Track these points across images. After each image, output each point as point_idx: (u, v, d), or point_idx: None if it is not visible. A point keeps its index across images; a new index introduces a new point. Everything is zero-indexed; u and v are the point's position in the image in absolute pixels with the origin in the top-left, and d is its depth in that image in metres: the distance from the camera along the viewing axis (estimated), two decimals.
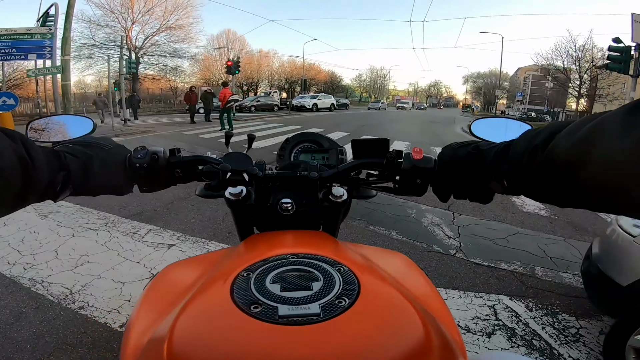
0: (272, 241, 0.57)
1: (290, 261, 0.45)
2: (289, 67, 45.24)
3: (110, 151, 0.57)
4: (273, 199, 0.63)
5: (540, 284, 2.45)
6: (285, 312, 0.35)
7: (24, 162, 0.39)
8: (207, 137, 9.70)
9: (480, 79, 62.32)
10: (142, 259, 2.54)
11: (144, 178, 0.60)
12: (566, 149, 0.35)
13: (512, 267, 2.67)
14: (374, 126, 15.21)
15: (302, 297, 0.38)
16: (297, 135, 0.85)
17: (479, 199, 0.54)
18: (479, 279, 2.48)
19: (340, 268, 0.43)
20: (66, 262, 2.45)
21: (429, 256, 2.82)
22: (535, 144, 0.39)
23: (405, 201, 4.08)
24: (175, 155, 0.64)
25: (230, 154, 0.66)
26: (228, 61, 16.64)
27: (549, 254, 2.92)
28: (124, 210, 3.51)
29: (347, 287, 0.40)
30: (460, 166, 0.52)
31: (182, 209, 3.60)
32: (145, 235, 2.94)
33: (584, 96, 27.30)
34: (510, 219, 3.78)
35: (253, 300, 0.37)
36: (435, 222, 3.54)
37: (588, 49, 26.27)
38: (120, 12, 27.55)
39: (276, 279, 0.41)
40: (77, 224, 3.12)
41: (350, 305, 0.37)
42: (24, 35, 9.34)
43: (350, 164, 0.65)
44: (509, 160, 0.45)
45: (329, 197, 0.63)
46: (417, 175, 0.58)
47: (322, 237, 0.60)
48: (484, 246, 3.05)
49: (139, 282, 2.25)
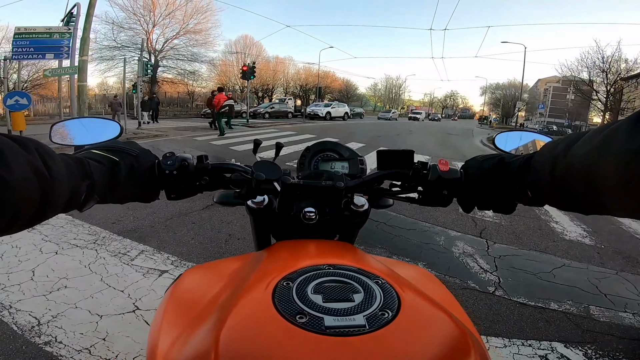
0: (302, 250, 0.56)
1: (328, 272, 0.44)
2: (304, 74, 45.30)
3: (138, 157, 0.55)
4: (296, 207, 0.62)
5: (598, 326, 2.13)
6: (332, 323, 0.35)
7: (40, 173, 0.36)
8: (218, 143, 9.46)
9: (499, 90, 61.18)
10: (128, 287, 2.21)
11: (172, 185, 0.60)
12: (584, 156, 0.36)
13: (564, 307, 2.31)
14: (391, 137, 14.82)
15: (346, 308, 0.37)
16: (318, 144, 0.85)
17: (503, 209, 0.55)
18: (525, 323, 2.11)
19: (378, 280, 0.43)
20: (41, 285, 2.16)
21: (464, 294, 2.39)
22: (556, 153, 0.41)
23: (431, 226, 3.62)
24: (202, 162, 0.63)
25: (260, 163, 0.65)
26: (243, 66, 16.57)
27: (602, 290, 2.56)
28: (118, 225, 3.19)
29: (388, 300, 0.39)
30: (486, 178, 0.54)
31: (182, 227, 3.26)
32: (136, 258, 2.59)
33: (609, 109, 26.28)
34: (552, 248, 3.31)
35: (298, 310, 0.36)
36: (468, 252, 3.09)
37: (616, 60, 25.29)
38: (142, 14, 28.12)
39: (317, 289, 0.40)
40: (64, 239, 2.82)
41: (394, 318, 0.36)
42: (43, 34, 9.31)
43: (377, 174, 0.65)
44: (532, 170, 0.47)
45: (350, 206, 0.64)
46: (444, 186, 0.59)
47: (348, 248, 0.60)
48: (527, 281, 2.63)
49: (119, 316, 1.92)
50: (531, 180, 0.47)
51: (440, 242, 3.30)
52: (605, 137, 0.34)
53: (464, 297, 2.35)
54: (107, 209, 3.53)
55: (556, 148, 0.42)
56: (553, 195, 0.44)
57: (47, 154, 0.38)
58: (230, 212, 3.59)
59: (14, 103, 7.79)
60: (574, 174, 0.38)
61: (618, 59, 25.48)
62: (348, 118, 28.17)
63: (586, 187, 0.37)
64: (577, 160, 0.37)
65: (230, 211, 3.59)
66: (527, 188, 0.48)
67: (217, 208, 3.74)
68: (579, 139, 0.38)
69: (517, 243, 3.36)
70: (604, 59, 25.80)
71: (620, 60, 25.50)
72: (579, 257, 3.15)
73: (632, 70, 25.34)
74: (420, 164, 0.62)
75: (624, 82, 25.90)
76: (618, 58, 25.45)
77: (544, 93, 58.82)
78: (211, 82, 35.13)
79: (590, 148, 0.35)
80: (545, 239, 3.52)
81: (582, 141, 0.38)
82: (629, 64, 25.32)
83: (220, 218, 3.50)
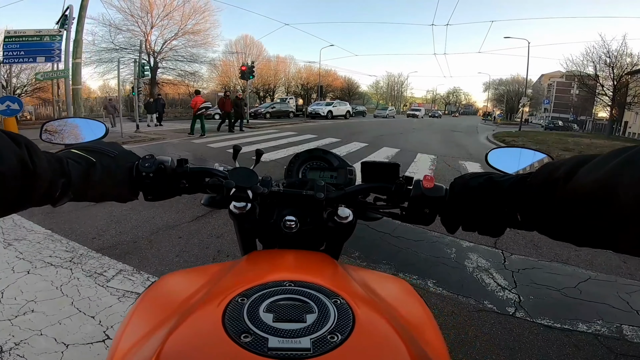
0: (271, 262, 0.56)
1: (287, 289, 0.43)
2: (305, 73, 45.08)
3: (117, 158, 0.56)
4: (277, 215, 0.63)
5: (633, 349, 1.90)
6: (276, 344, 0.34)
7: (26, 167, 0.39)
8: (214, 146, 9.21)
9: (502, 86, 60.61)
10: (99, 312, 1.97)
11: (149, 187, 0.60)
12: (592, 182, 0.33)
13: (593, 328, 2.05)
14: (394, 135, 14.53)
15: (295, 329, 0.36)
16: (306, 152, 0.82)
17: (489, 232, 0.51)
18: (551, 349, 1.86)
19: (337, 300, 0.41)
20: (8, 308, 1.98)
21: (480, 318, 2.10)
22: (557, 176, 0.38)
23: (441, 236, 3.34)
24: (182, 166, 0.64)
25: (236, 169, 0.61)
26: (242, 66, 16.34)
27: (634, 307, 2.28)
28: (99, 240, 2.93)
29: (342, 322, 0.38)
30: (472, 197, 0.50)
31: (166, 242, 2.98)
32: (113, 279, 2.33)
33: (616, 104, 25.89)
34: (575, 258, 3.01)
35: (244, 329, 0.36)
36: (483, 266, 2.79)
37: (621, 54, 24.91)
38: (140, 16, 28.01)
39: (270, 307, 0.39)
40: (39, 257, 2.59)
41: (342, 342, 0.35)
42: (34, 37, 9.09)
43: (358, 187, 0.65)
44: (526, 193, 0.43)
45: (334, 217, 0.62)
46: (426, 204, 0.57)
47: (323, 260, 0.58)
48: (551, 299, 2.35)
49: (87, 346, 1.71)
50: (523, 204, 0.44)
51: (451, 255, 3.00)
52: (622, 163, 0.31)
53: (480, 321, 2.07)
54: (89, 221, 3.30)
55: (558, 170, 0.38)
56: (547, 222, 0.41)
57: (33, 151, 0.40)
58: (221, 224, 3.34)
59: (5, 108, 7.64)
60: (577, 203, 0.35)
61: (623, 53, 25.16)
62: (350, 116, 27.93)
63: (590, 220, 0.34)
64: (583, 188, 0.34)
65: (221, 224, 3.34)
66: (517, 211, 0.46)
67: (207, 220, 3.50)
68: (586, 162, 0.35)
69: (536, 254, 3.06)
70: (610, 53, 25.44)
71: (626, 55, 25.20)
72: (604, 268, 2.86)
73: (637, 65, 25.00)
74: (405, 178, 0.61)
75: (630, 76, 25.57)
76: (623, 52, 25.12)
77: (548, 88, 58.35)
78: (212, 83, 35.05)
79: (601, 175, 0.32)
80: (566, 248, 3.20)
81: (591, 165, 0.34)
82: (634, 58, 25.02)
83: (210, 231, 3.23)
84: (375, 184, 0.63)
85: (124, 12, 27.38)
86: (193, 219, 3.49)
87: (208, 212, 3.60)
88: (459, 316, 2.11)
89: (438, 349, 0.46)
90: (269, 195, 0.62)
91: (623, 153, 0.31)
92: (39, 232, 3.00)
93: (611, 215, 0.31)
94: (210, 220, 3.45)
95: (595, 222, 0.33)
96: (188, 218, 3.52)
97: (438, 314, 2.12)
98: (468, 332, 1.97)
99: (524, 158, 0.73)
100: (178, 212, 3.66)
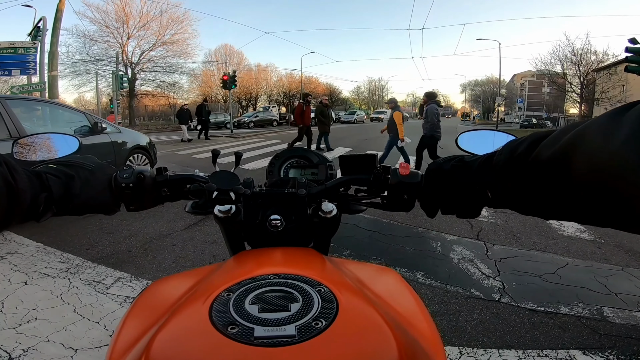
0: (257, 260, 0.57)
1: (272, 282, 0.44)
2: (287, 80, 45.19)
3: (93, 171, 0.56)
4: (262, 215, 0.62)
5: (615, 329, 2.01)
6: (261, 333, 0.35)
7: (9, 185, 0.38)
8: (200, 157, 9.16)
9: (478, 87, 62.38)
10: (103, 317, 2.01)
11: (130, 198, 0.60)
12: (550, 155, 0.34)
13: (575, 310, 2.19)
14: (378, 139, 14.74)
15: (280, 318, 0.37)
16: (286, 151, 0.83)
17: (467, 213, 0.53)
18: (538, 331, 1.98)
19: (321, 289, 0.42)
20: (10, 317, 1.98)
21: (468, 304, 2.24)
22: (519, 152, 0.39)
23: (426, 230, 3.50)
24: (162, 174, 0.64)
25: (216, 173, 0.64)
26: (224, 75, 16.32)
27: (612, 289, 2.44)
28: (93, 251, 2.93)
29: (326, 309, 0.39)
30: (445, 180, 0.52)
31: (162, 250, 3.01)
32: (112, 286, 2.36)
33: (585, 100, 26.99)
34: (553, 246, 3.21)
35: (230, 321, 0.37)
36: (467, 257, 2.95)
37: (586, 52, 26.07)
38: (115, 27, 27.45)
39: (255, 299, 0.40)
40: (34, 269, 2.58)
41: (327, 327, 0.36)
42: (7, 49, 8.83)
43: (338, 181, 0.65)
44: (492, 170, 0.45)
45: (319, 213, 0.63)
46: (404, 190, 0.58)
47: (309, 255, 0.59)
48: (533, 285, 2.50)
49: (96, 350, 1.74)
50: (491, 181, 0.45)
51: (437, 248, 3.15)
52: (575, 135, 0.32)
53: (469, 308, 2.20)
54: (80, 233, 3.29)
55: (519, 147, 0.40)
56: (514, 197, 0.42)
57: (13, 168, 0.40)
58: (214, 231, 3.38)
59: None
60: (538, 175, 0.36)
61: (587, 51, 26.26)
62: (333, 122, 28.17)
63: (551, 191, 0.36)
64: (542, 160, 0.35)
65: (213, 231, 3.39)
66: (487, 188, 0.47)
67: (199, 227, 3.54)
68: (544, 138, 0.37)
69: (516, 243, 3.25)
70: (575, 51, 26.54)
71: (590, 53, 26.28)
72: (581, 254, 3.05)
73: (602, 62, 26.14)
74: (383, 168, 0.62)
75: (596, 73, 26.66)
76: (587, 50, 26.22)
77: (521, 87, 60.30)
78: (193, 94, 34.62)
79: (557, 148, 0.33)
80: (544, 237, 3.42)
81: (548, 140, 0.36)
82: (599, 56, 26.15)
83: (204, 238, 3.28)
84: (355, 176, 0.64)
85: (98, 23, 26.81)
86: (186, 227, 3.52)
87: (200, 220, 3.63)
88: (449, 304, 2.23)
89: (428, 333, 0.47)
90: (252, 196, 0.62)
91: (576, 127, 0.33)
92: (30, 246, 2.97)
93: (568, 186, 0.33)
94: (203, 228, 3.49)
95: (556, 193, 0.35)
96: (181, 227, 3.54)
97: (428, 302, 2.24)
98: (459, 318, 2.09)
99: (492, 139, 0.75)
100: (169, 222, 3.68)
